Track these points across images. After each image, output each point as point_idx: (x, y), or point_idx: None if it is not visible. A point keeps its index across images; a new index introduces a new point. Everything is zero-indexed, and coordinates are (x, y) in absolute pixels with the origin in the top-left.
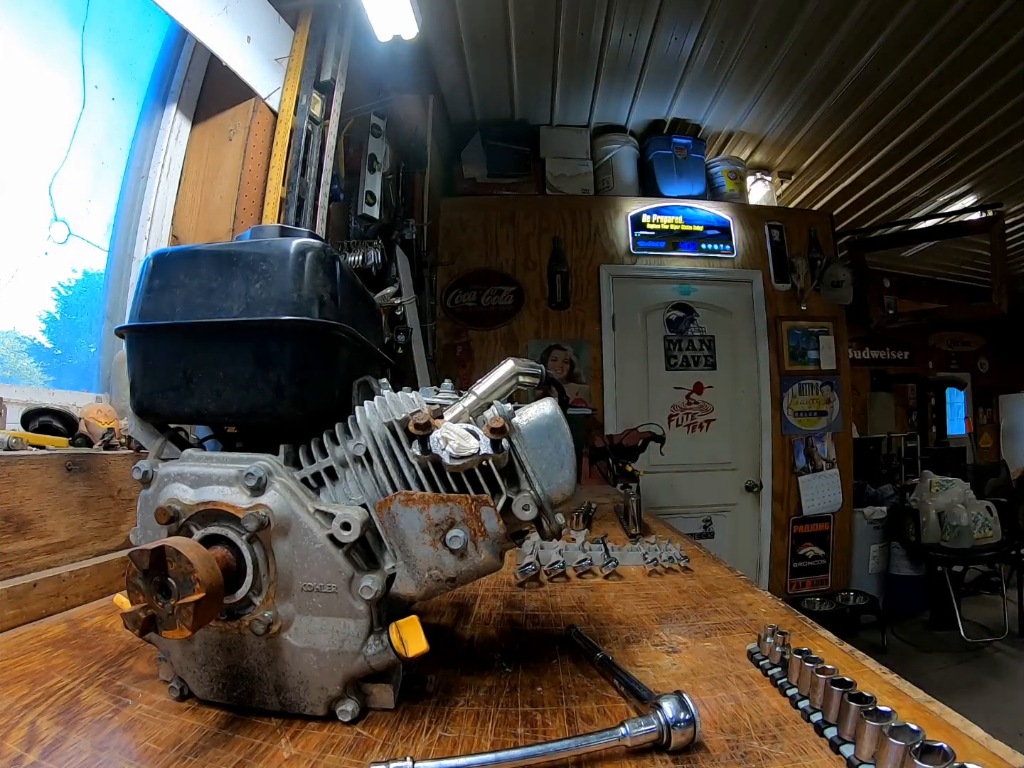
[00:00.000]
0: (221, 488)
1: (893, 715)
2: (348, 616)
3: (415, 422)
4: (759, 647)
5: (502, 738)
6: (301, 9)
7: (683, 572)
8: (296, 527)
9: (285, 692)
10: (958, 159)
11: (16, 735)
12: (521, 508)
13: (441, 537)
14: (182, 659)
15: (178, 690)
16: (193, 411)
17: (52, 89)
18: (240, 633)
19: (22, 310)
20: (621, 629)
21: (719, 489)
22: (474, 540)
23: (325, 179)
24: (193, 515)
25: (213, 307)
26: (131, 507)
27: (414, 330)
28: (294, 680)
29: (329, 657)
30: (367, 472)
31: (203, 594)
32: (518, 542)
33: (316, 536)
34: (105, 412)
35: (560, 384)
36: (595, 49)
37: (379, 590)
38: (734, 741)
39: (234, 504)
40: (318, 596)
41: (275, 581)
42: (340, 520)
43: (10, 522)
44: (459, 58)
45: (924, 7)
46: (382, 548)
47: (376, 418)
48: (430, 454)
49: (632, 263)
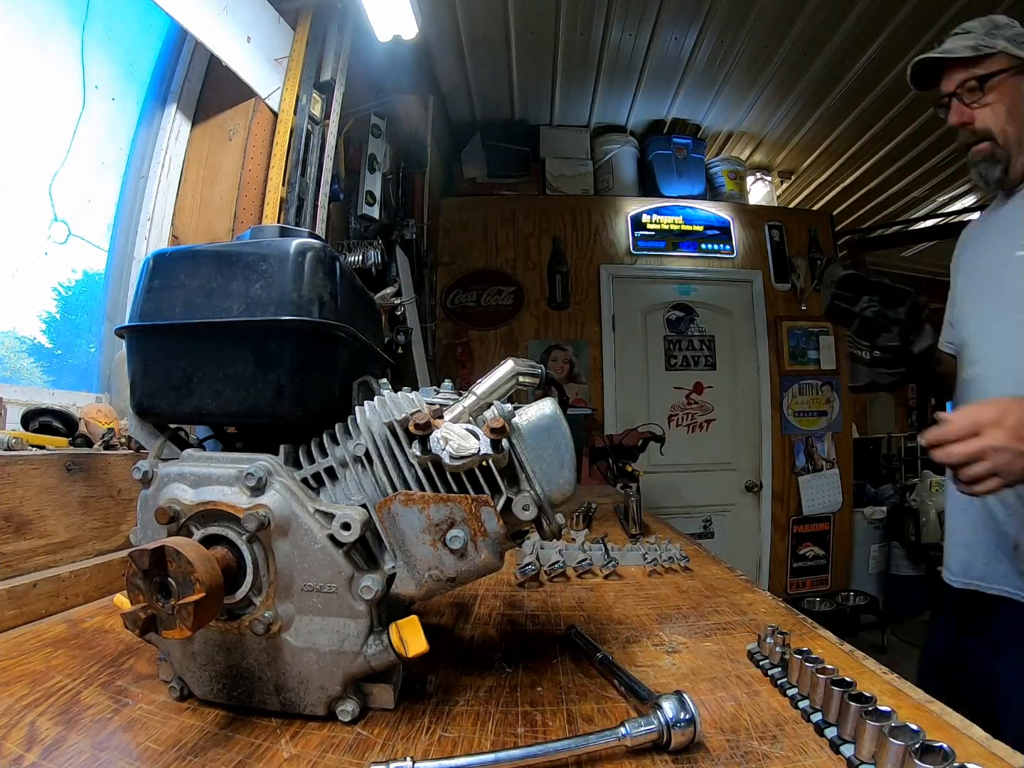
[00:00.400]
0: (221, 488)
1: (893, 715)
2: (348, 616)
3: (415, 422)
4: (759, 647)
5: (502, 738)
6: (301, 9)
7: (683, 572)
8: (296, 527)
9: (285, 692)
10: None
11: (16, 735)
12: (521, 508)
13: (441, 537)
14: (182, 659)
15: (178, 690)
16: (193, 411)
17: (52, 89)
18: (240, 633)
19: (22, 310)
20: (621, 629)
21: (719, 489)
22: (474, 540)
23: (325, 179)
24: (193, 515)
25: (213, 307)
26: (131, 507)
27: (414, 330)
28: (294, 680)
29: (329, 657)
30: (367, 472)
31: (203, 594)
32: (518, 542)
33: (316, 536)
34: (105, 412)
35: (560, 384)
36: (595, 49)
37: (379, 590)
38: (734, 741)
39: (234, 504)
40: (318, 596)
41: (275, 581)
42: (340, 520)
43: (10, 522)
44: (459, 58)
45: (924, 7)
46: (382, 548)
47: (376, 418)
48: (430, 454)
49: (632, 263)
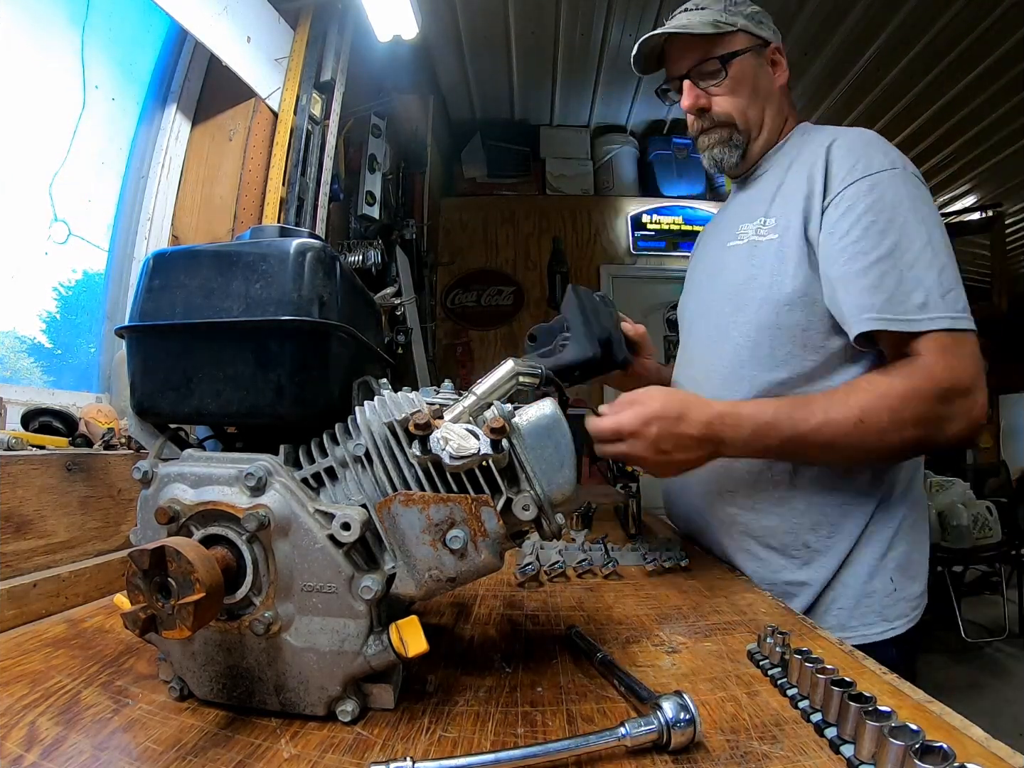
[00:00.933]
0: (221, 488)
1: (893, 715)
2: (348, 616)
3: (415, 422)
4: (759, 647)
5: (502, 738)
6: (301, 9)
7: (683, 572)
8: (296, 527)
9: (285, 692)
10: (958, 159)
11: (16, 735)
12: (521, 508)
13: (441, 537)
14: (182, 659)
15: (178, 690)
16: (193, 411)
17: (52, 89)
18: (240, 633)
19: (22, 310)
20: (621, 629)
21: None
22: (474, 540)
23: (325, 179)
24: (193, 515)
25: (213, 307)
26: (131, 507)
27: (414, 330)
28: (294, 680)
29: (329, 657)
30: (367, 472)
31: (203, 594)
32: (518, 542)
33: (316, 536)
34: (105, 412)
35: (560, 384)
36: (595, 49)
37: (379, 590)
38: (734, 741)
39: (234, 504)
40: (318, 596)
41: (275, 581)
42: (340, 520)
43: (10, 522)
44: (459, 58)
45: (924, 7)
46: (382, 548)
47: (376, 418)
48: (430, 454)
49: (632, 263)
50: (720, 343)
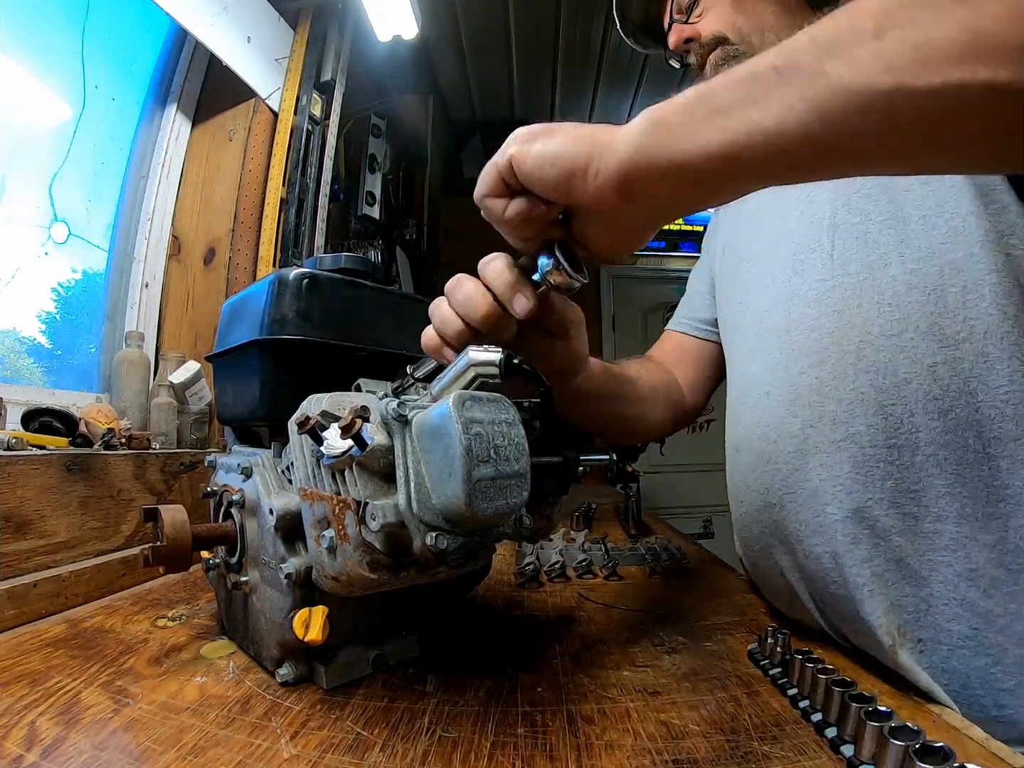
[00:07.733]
0: (232, 475)
1: (893, 715)
2: (281, 592)
3: (297, 420)
4: (759, 647)
5: (502, 738)
6: (301, 9)
7: (683, 572)
8: (260, 510)
9: (254, 644)
10: None
11: (16, 735)
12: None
13: (320, 534)
14: (223, 602)
15: (219, 626)
16: (230, 416)
17: (52, 89)
18: (237, 588)
19: (22, 310)
20: (621, 629)
21: (719, 489)
22: (341, 543)
23: (325, 179)
24: (222, 493)
25: (231, 337)
26: (131, 507)
27: None
28: (257, 636)
29: (271, 623)
30: (298, 466)
31: (168, 545)
32: (412, 563)
33: (268, 519)
34: (105, 412)
35: (542, 377)
36: (595, 49)
37: (294, 573)
38: (734, 741)
39: (232, 487)
40: (268, 570)
41: (248, 551)
42: (268, 507)
43: (10, 522)
44: (459, 58)
45: None
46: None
47: (300, 415)
48: (318, 451)
49: (632, 263)
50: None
